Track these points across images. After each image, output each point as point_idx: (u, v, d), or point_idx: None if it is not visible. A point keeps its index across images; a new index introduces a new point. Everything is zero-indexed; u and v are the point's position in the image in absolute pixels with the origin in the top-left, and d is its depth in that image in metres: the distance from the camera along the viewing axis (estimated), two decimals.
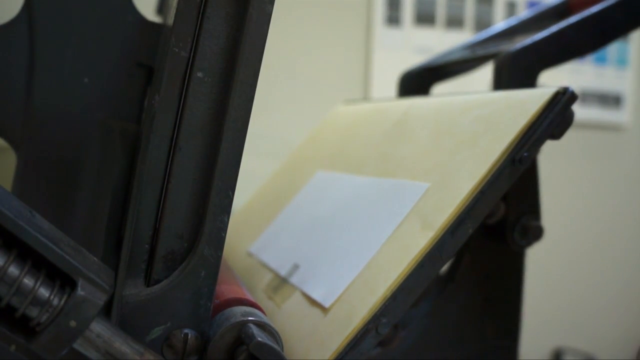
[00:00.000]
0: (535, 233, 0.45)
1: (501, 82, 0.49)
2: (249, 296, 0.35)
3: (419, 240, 0.36)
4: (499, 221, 0.44)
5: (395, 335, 0.41)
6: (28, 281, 0.28)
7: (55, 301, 0.28)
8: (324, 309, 0.38)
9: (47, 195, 0.41)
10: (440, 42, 1.54)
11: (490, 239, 0.46)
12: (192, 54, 0.30)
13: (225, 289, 0.35)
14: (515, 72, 0.49)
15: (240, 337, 0.31)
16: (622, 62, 1.77)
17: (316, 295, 0.40)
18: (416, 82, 0.64)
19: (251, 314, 0.32)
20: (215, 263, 0.31)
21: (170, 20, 0.33)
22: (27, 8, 0.40)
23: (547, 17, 0.60)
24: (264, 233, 0.54)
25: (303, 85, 1.40)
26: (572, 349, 1.76)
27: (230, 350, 0.31)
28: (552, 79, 1.22)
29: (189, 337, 0.31)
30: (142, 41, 0.42)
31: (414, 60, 0.73)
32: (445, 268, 0.43)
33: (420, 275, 0.35)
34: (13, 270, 0.27)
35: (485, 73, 0.58)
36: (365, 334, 0.35)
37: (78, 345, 0.28)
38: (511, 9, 1.85)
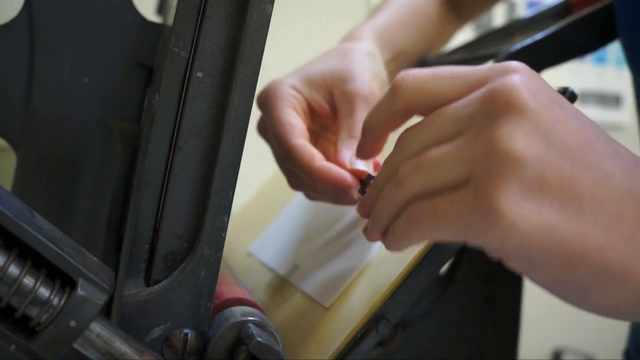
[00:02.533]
0: None
1: None
2: (249, 296, 0.35)
3: None
4: None
5: (395, 335, 0.41)
6: (28, 281, 0.28)
7: (55, 301, 0.28)
8: (323, 309, 0.38)
9: (47, 195, 0.41)
10: None
11: None
12: (192, 54, 0.30)
13: (225, 289, 0.35)
14: None
15: (240, 337, 0.31)
16: (622, 62, 1.77)
17: (316, 295, 0.40)
18: None
19: (251, 314, 0.32)
20: (215, 263, 0.31)
21: (170, 20, 0.33)
22: (27, 8, 0.40)
23: (547, 17, 0.60)
24: (264, 233, 0.54)
25: None
26: (572, 349, 1.76)
27: (230, 350, 0.31)
28: (552, 79, 1.22)
29: (189, 337, 0.31)
30: (142, 41, 0.42)
31: None
32: (445, 268, 0.43)
33: (420, 275, 0.35)
34: (13, 270, 0.27)
35: None
36: (365, 334, 0.35)
37: (78, 345, 0.28)
38: (511, 9, 1.85)
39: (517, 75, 0.26)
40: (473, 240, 0.26)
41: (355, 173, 0.39)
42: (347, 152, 0.40)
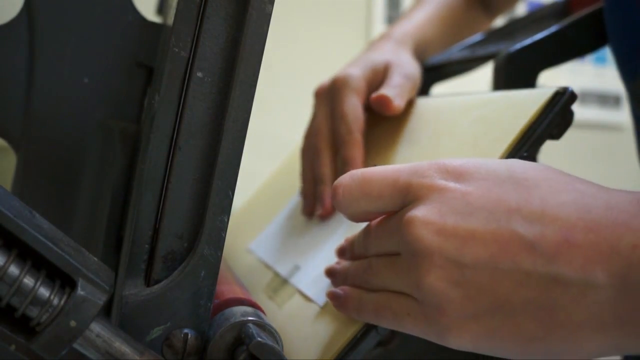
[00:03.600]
0: None
1: (501, 82, 0.49)
2: (249, 296, 0.35)
3: None
4: None
5: (395, 335, 0.41)
6: (28, 281, 0.28)
7: (55, 301, 0.28)
8: (324, 310, 0.38)
9: (47, 195, 0.41)
10: None
11: None
12: (192, 54, 0.30)
13: (225, 289, 0.35)
14: (515, 72, 0.49)
15: (240, 337, 0.31)
16: None
17: (311, 293, 0.40)
18: None
19: (251, 314, 0.32)
20: (215, 263, 0.31)
21: (170, 20, 0.33)
22: (27, 8, 0.40)
23: (547, 17, 0.60)
24: (265, 231, 0.54)
25: (303, 85, 1.40)
26: None
27: (230, 350, 0.31)
28: (552, 79, 1.23)
29: (189, 337, 0.31)
30: (142, 41, 0.42)
31: None
32: None
33: None
34: (13, 270, 0.27)
35: (485, 73, 0.58)
36: (365, 334, 0.35)
37: (78, 345, 0.28)
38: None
39: (416, 209, 0.29)
40: (435, 342, 0.30)
41: (379, 98, 0.48)
42: (383, 90, 0.49)
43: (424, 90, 0.64)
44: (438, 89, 0.65)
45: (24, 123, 0.40)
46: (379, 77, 0.52)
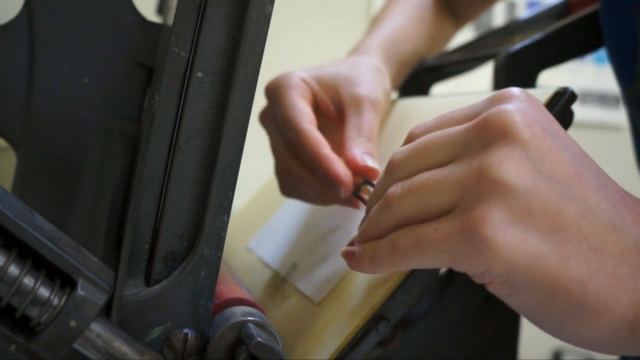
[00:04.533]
0: None
1: (501, 82, 0.49)
2: (248, 296, 0.35)
3: None
4: None
5: (395, 335, 0.41)
6: (28, 281, 0.28)
7: (55, 301, 0.28)
8: (324, 309, 0.38)
9: (47, 195, 0.41)
10: None
11: None
12: (192, 54, 0.30)
13: (225, 289, 0.35)
14: (515, 72, 0.49)
15: (240, 337, 0.31)
16: None
17: (307, 291, 0.40)
18: (416, 82, 0.64)
19: (251, 314, 0.32)
20: (215, 263, 0.31)
21: (170, 20, 0.33)
22: (27, 8, 0.40)
23: (547, 17, 0.60)
24: (263, 228, 0.54)
25: None
26: (572, 349, 1.76)
27: (230, 350, 0.31)
28: (552, 79, 1.23)
29: (189, 337, 0.31)
30: (142, 41, 0.42)
31: None
32: (445, 268, 0.43)
33: (421, 274, 0.35)
34: (13, 270, 0.27)
35: (485, 73, 0.58)
36: (365, 334, 0.35)
37: (78, 345, 0.28)
38: (511, 9, 1.85)
39: (512, 103, 0.27)
40: (458, 267, 0.27)
41: (366, 170, 0.39)
42: (358, 149, 0.40)
43: (423, 90, 0.64)
44: (438, 89, 0.65)
45: (24, 123, 0.40)
46: (328, 90, 0.44)
